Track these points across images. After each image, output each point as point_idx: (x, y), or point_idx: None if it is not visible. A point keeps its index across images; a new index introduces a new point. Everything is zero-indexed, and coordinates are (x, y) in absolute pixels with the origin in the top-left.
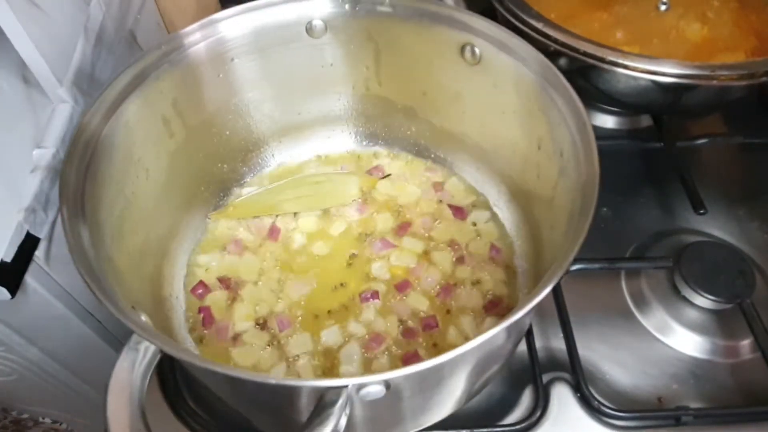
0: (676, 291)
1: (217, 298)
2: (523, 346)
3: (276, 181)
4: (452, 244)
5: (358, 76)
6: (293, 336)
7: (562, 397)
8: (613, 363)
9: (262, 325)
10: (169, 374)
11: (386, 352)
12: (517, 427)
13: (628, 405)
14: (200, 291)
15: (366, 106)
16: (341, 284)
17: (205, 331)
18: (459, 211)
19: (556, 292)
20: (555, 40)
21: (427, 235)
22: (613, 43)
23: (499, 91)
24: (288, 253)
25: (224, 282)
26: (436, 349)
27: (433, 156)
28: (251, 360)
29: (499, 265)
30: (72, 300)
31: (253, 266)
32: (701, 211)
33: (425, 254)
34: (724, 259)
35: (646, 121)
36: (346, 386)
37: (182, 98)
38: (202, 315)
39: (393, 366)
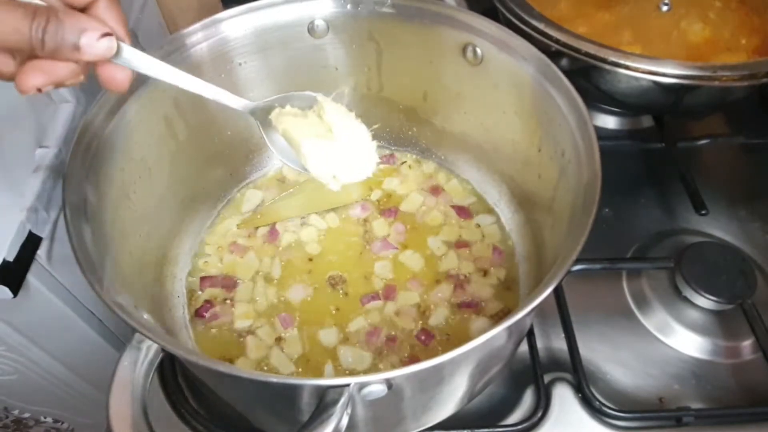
0: (678, 291)
1: (218, 297)
2: (524, 347)
3: (275, 181)
4: (455, 244)
5: (360, 76)
6: (294, 335)
7: (563, 397)
8: (614, 363)
9: (262, 324)
10: (171, 373)
11: (388, 352)
12: (519, 427)
13: (629, 405)
14: (202, 290)
15: (367, 106)
16: (342, 285)
17: (206, 330)
18: (463, 211)
19: (558, 292)
20: (556, 41)
21: (428, 235)
22: (614, 44)
23: (501, 91)
24: (289, 254)
25: (225, 281)
26: (438, 349)
27: (434, 156)
28: (252, 359)
29: (500, 265)
30: (74, 299)
31: (254, 266)
32: (702, 212)
33: (427, 255)
34: (726, 259)
35: (647, 121)
36: (348, 385)
37: (184, 98)
38: (203, 314)
39: (395, 366)
